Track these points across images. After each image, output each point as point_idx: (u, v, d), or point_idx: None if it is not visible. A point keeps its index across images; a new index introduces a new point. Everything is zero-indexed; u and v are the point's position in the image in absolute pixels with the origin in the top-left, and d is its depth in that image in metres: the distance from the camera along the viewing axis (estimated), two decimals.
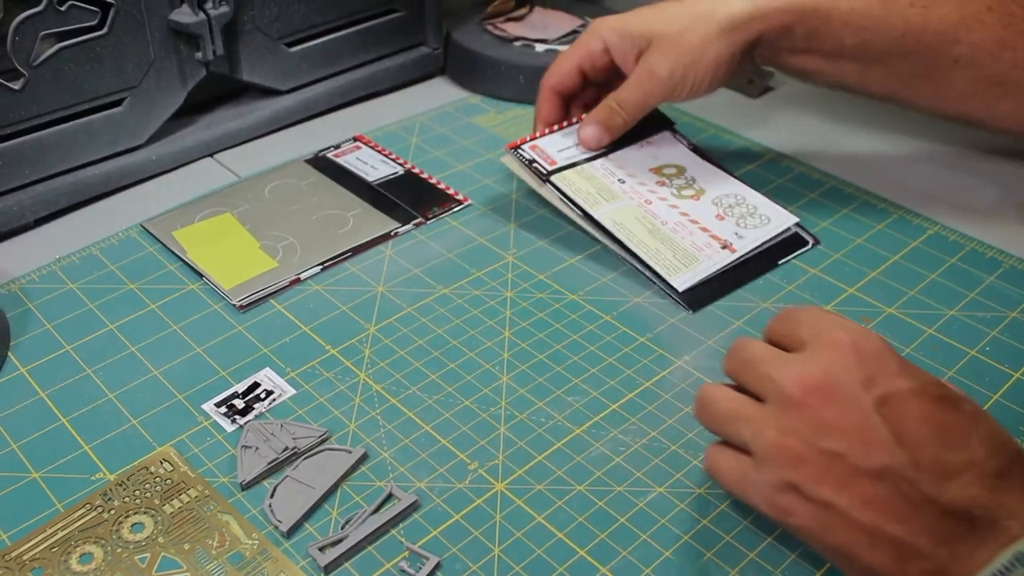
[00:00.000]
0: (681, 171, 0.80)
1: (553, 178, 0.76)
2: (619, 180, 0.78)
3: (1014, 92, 0.71)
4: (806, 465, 0.46)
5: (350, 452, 0.58)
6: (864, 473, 0.45)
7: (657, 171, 0.80)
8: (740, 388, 0.51)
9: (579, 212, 0.75)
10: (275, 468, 0.58)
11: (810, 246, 0.75)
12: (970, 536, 0.44)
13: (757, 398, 0.50)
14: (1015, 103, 0.72)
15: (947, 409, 0.46)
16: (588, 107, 0.80)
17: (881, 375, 0.47)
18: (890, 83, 0.75)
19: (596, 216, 0.74)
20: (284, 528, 0.54)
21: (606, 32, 0.76)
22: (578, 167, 0.79)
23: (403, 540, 0.54)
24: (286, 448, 0.58)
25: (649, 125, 0.82)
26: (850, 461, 0.45)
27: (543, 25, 1.00)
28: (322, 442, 0.59)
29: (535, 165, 0.77)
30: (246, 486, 0.57)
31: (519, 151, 0.78)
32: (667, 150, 0.82)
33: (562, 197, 0.76)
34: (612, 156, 0.80)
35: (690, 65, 0.73)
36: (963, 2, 0.70)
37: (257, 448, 0.58)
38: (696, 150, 0.83)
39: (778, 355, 0.50)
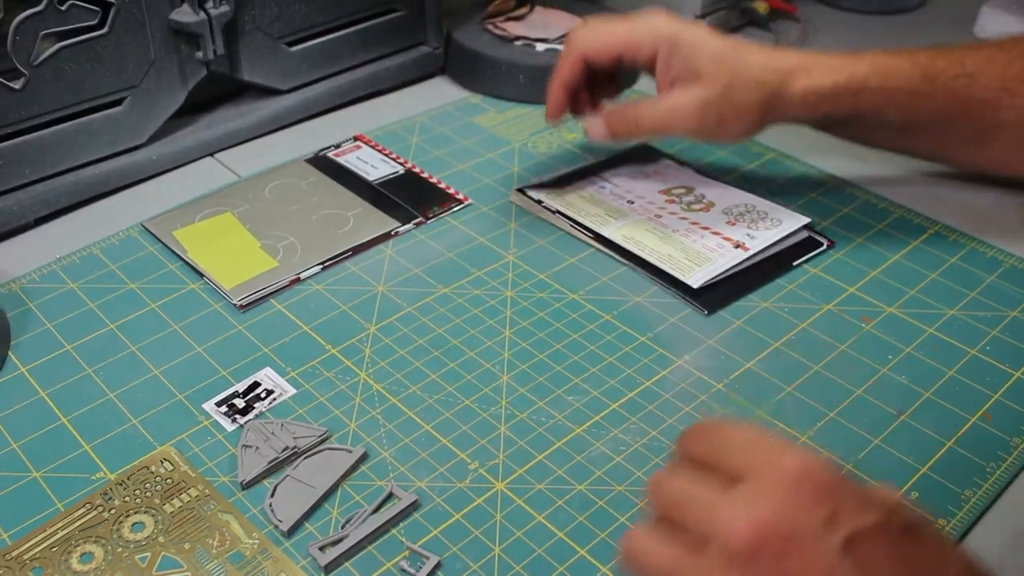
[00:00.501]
0: (690, 190, 0.81)
1: (562, 208, 0.77)
2: (628, 201, 0.79)
3: None
4: None
5: (350, 452, 0.59)
6: None
7: (666, 192, 0.80)
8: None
9: (590, 234, 0.75)
10: (275, 467, 0.58)
11: (825, 247, 0.75)
12: None
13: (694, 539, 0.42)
14: None
15: (916, 542, 0.41)
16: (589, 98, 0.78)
17: (843, 511, 0.40)
18: (932, 149, 0.77)
19: (606, 234, 0.75)
20: (284, 527, 0.54)
21: (665, 35, 0.71)
22: (586, 194, 0.79)
23: (403, 539, 0.54)
24: (286, 447, 0.58)
25: (647, 154, 0.85)
26: None
27: (543, 24, 1.00)
28: (322, 441, 0.60)
29: (544, 204, 0.79)
30: (246, 485, 0.57)
31: (526, 193, 0.80)
32: (674, 174, 0.83)
33: (572, 223, 0.76)
34: (619, 183, 0.81)
35: (730, 123, 0.71)
36: (1006, 65, 0.70)
37: (257, 448, 0.59)
38: (702, 172, 0.83)
39: (714, 492, 0.42)
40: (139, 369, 0.65)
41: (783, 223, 0.76)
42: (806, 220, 0.76)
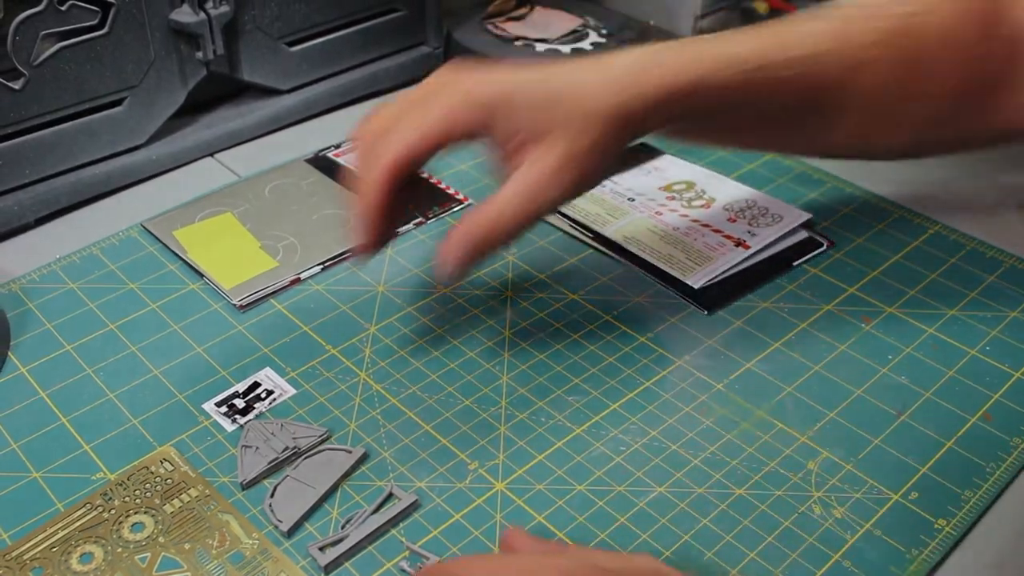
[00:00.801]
0: (691, 186, 0.81)
1: (561, 208, 0.77)
2: (628, 199, 0.79)
3: (900, 122, 0.67)
4: None
5: (350, 452, 0.59)
6: None
7: (667, 188, 0.80)
8: None
9: (590, 235, 0.75)
10: (275, 468, 0.58)
11: (825, 247, 0.75)
12: None
13: None
14: (900, 131, 0.68)
15: None
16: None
17: None
18: (764, 136, 0.70)
19: (606, 234, 0.75)
20: (284, 528, 0.54)
21: (489, 99, 0.58)
22: (585, 193, 0.79)
23: (403, 540, 0.54)
24: (286, 448, 0.58)
25: (645, 152, 0.84)
26: None
27: (544, 24, 1.00)
28: (322, 442, 0.60)
29: None
30: (246, 486, 0.57)
31: None
32: (675, 170, 0.83)
33: (572, 224, 0.76)
34: (619, 181, 0.81)
35: (599, 167, 0.60)
36: (846, 48, 0.63)
37: (257, 448, 0.59)
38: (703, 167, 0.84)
39: None
40: (139, 369, 0.65)
41: (784, 219, 0.76)
42: (807, 216, 0.76)
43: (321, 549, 0.53)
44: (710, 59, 0.60)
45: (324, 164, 0.85)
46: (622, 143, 0.59)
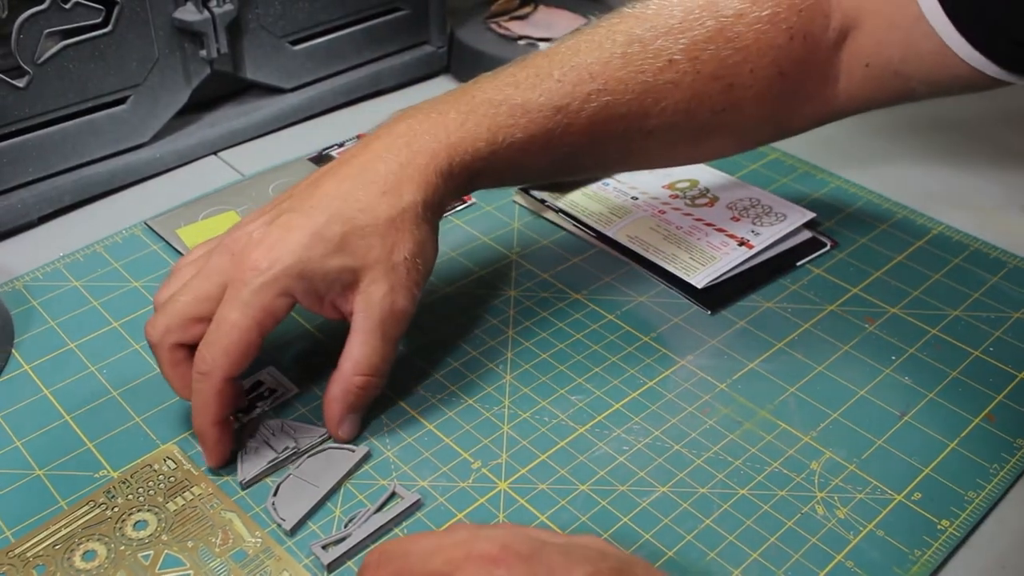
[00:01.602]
0: (694, 184, 0.81)
1: (565, 207, 0.77)
2: (632, 198, 0.79)
3: (715, 133, 0.67)
4: None
5: (353, 451, 0.59)
6: None
7: (670, 187, 0.80)
8: None
9: (593, 234, 0.75)
10: (276, 467, 0.58)
11: (828, 248, 0.75)
12: None
13: None
14: (716, 141, 0.68)
15: None
16: None
17: (554, 573, 0.41)
18: (580, 172, 0.70)
19: (610, 234, 0.75)
20: (287, 526, 0.54)
21: (290, 282, 0.55)
22: (589, 191, 0.79)
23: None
24: (287, 447, 0.58)
25: None
26: None
27: (547, 24, 1.00)
28: (323, 442, 0.60)
29: (547, 203, 0.79)
30: (246, 485, 0.57)
31: (530, 192, 0.80)
32: (679, 168, 0.83)
33: (575, 223, 0.76)
34: (622, 179, 0.81)
35: (418, 278, 0.59)
36: (644, 71, 0.61)
37: (257, 447, 0.59)
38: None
39: None
40: (142, 367, 0.65)
41: (788, 218, 0.76)
42: (811, 215, 0.76)
43: (324, 547, 0.53)
44: (503, 117, 0.59)
45: (328, 163, 0.85)
46: (433, 224, 0.60)
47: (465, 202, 0.80)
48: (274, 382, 0.63)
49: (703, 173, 0.82)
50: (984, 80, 0.63)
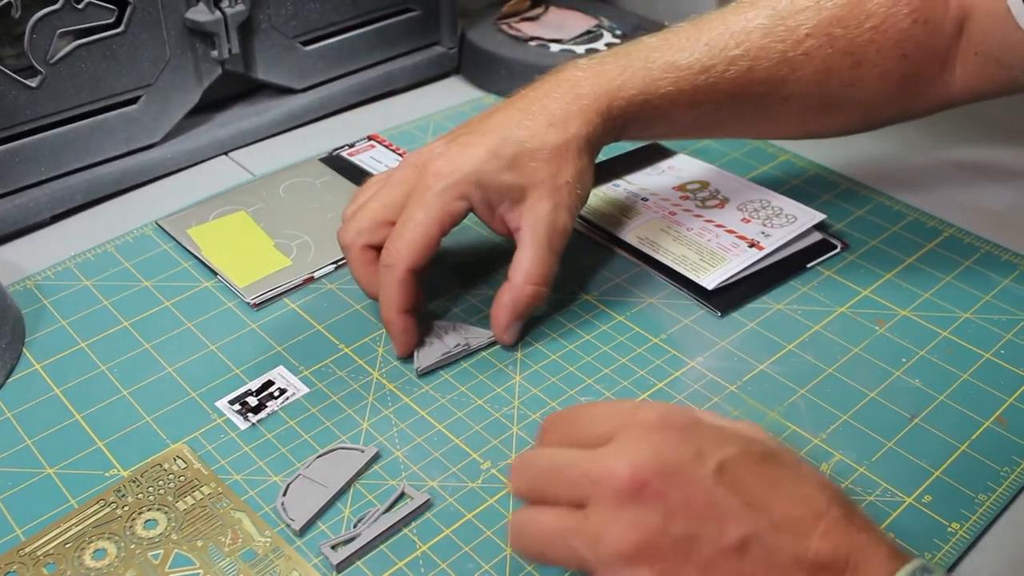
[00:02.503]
0: (705, 185, 0.80)
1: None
2: (642, 199, 0.79)
3: (843, 107, 0.71)
4: (663, 558, 0.42)
5: (363, 451, 0.59)
6: (726, 550, 0.42)
7: (680, 188, 0.80)
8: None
9: (603, 235, 0.75)
10: (449, 360, 0.64)
11: (839, 250, 0.75)
12: None
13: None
14: (844, 115, 0.73)
15: (776, 465, 0.45)
16: None
17: (706, 447, 0.44)
18: (719, 130, 0.76)
19: (620, 235, 0.75)
20: (296, 527, 0.54)
21: (468, 188, 0.62)
22: (599, 192, 0.79)
23: (415, 538, 0.54)
24: (458, 344, 0.64)
25: (658, 153, 0.85)
26: (709, 541, 0.42)
27: (558, 25, 1.00)
28: (491, 344, 0.66)
29: None
30: (422, 373, 0.63)
31: None
32: (689, 169, 0.83)
33: (586, 225, 0.76)
34: (633, 181, 0.81)
35: (578, 201, 0.66)
36: (783, 41, 0.67)
37: (432, 342, 0.64)
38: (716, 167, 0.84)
39: (585, 453, 0.45)
40: (153, 367, 0.65)
41: (798, 219, 0.76)
42: (821, 216, 0.76)
43: (333, 547, 0.53)
44: (657, 71, 0.66)
45: (338, 163, 0.85)
46: (592, 157, 0.67)
47: None
48: (285, 382, 0.63)
49: (713, 175, 0.82)
50: None
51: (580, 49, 0.96)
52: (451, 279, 0.72)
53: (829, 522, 0.43)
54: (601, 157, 0.84)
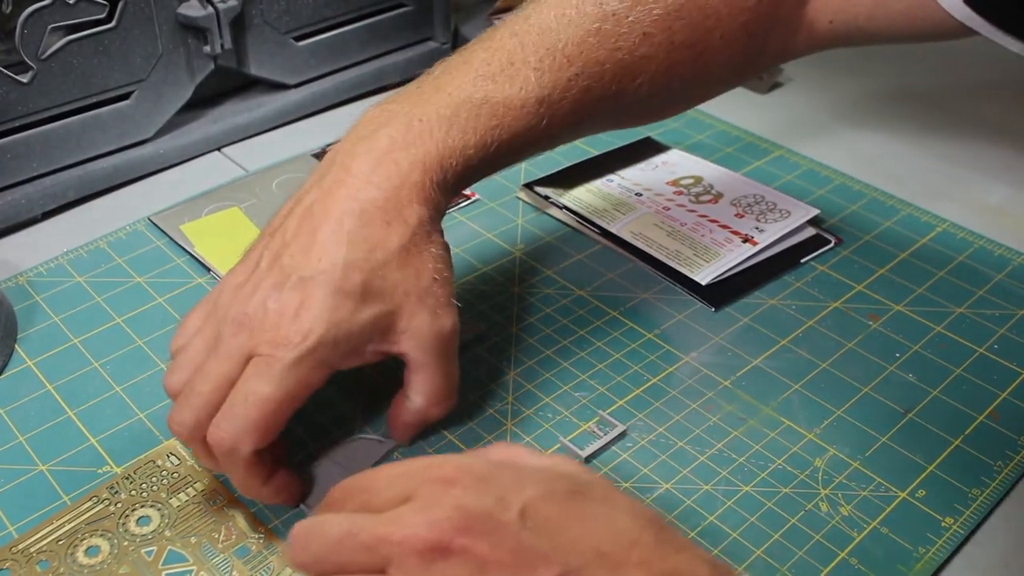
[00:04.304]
0: (699, 180, 0.80)
1: (569, 203, 0.77)
2: (636, 194, 0.79)
3: (687, 98, 0.67)
4: None
5: (382, 442, 0.59)
6: None
7: (674, 183, 0.80)
8: None
9: (597, 230, 0.75)
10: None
11: (832, 245, 0.75)
12: None
13: None
14: (687, 103, 0.68)
15: (583, 500, 0.42)
16: None
17: (508, 492, 0.41)
18: (557, 145, 0.65)
19: (614, 231, 0.75)
20: (310, 514, 0.54)
21: (325, 352, 0.52)
22: (593, 187, 0.79)
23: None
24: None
25: (651, 148, 0.86)
26: None
27: None
28: (477, 336, 0.65)
29: (551, 200, 0.79)
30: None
31: (533, 188, 0.80)
32: (683, 164, 0.83)
33: (579, 220, 0.76)
34: (627, 176, 0.81)
35: (450, 289, 0.56)
36: (619, 48, 0.59)
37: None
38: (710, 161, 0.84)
39: (380, 516, 0.41)
40: (146, 363, 0.65)
41: (792, 215, 0.76)
42: (815, 211, 0.76)
43: None
44: (487, 118, 0.56)
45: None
46: (440, 231, 0.57)
47: (469, 198, 0.80)
48: None
49: (707, 169, 0.82)
50: (952, 28, 0.61)
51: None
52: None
53: (643, 549, 0.41)
54: (593, 153, 0.85)
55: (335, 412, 0.61)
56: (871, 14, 0.63)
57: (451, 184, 0.56)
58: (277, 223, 0.56)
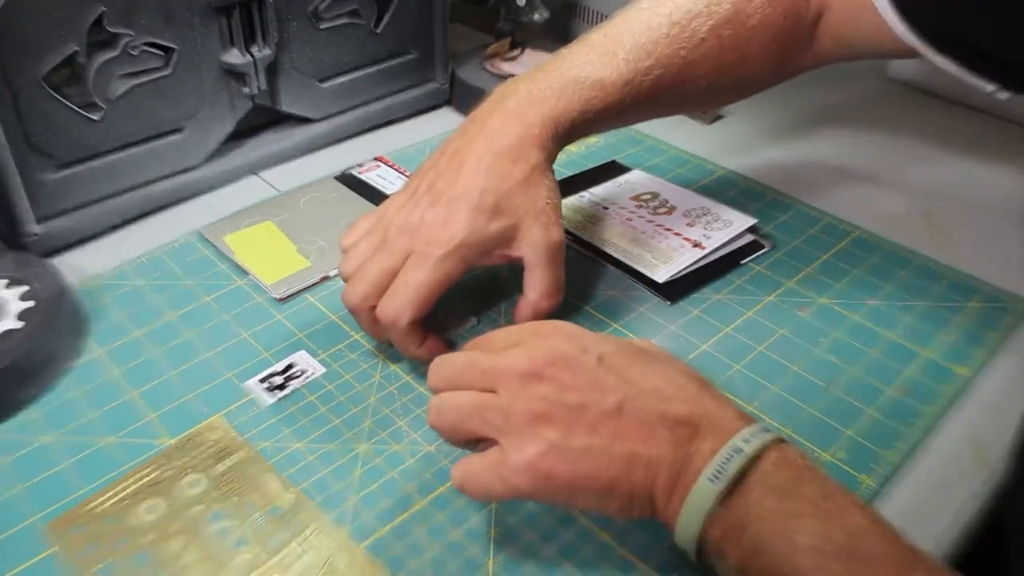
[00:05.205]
0: (656, 196, 0.80)
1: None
2: (604, 208, 0.78)
3: (730, 92, 0.72)
4: (557, 421, 0.45)
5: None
6: (607, 413, 0.45)
7: (636, 198, 0.79)
8: None
9: (571, 238, 0.74)
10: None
11: (767, 249, 0.74)
12: (695, 437, 0.44)
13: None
14: (730, 96, 0.73)
15: (647, 357, 0.48)
16: None
17: (589, 344, 0.48)
18: (636, 122, 0.71)
19: (585, 238, 0.74)
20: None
21: (465, 251, 0.58)
22: (567, 203, 0.79)
23: (416, 493, 0.53)
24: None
25: (616, 169, 0.85)
26: (592, 407, 0.45)
27: (533, 65, 0.99)
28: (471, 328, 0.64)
29: None
30: None
31: None
32: (643, 182, 0.82)
33: None
34: (596, 192, 0.80)
35: (558, 213, 0.61)
36: (684, 47, 0.65)
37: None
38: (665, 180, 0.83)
39: (494, 354, 0.48)
40: (195, 352, 0.64)
41: (734, 224, 0.75)
42: (753, 221, 0.75)
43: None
44: (588, 91, 0.62)
45: (350, 180, 0.84)
46: (552, 172, 0.62)
47: None
48: (305, 364, 0.62)
49: (663, 187, 0.81)
50: (908, 51, 0.66)
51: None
52: (462, 306, 0.71)
53: (687, 393, 0.46)
54: (568, 173, 0.84)
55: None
56: (855, 33, 0.68)
57: (561, 137, 0.62)
58: (430, 164, 0.62)
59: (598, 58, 0.64)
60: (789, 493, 0.42)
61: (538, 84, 0.63)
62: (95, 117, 0.73)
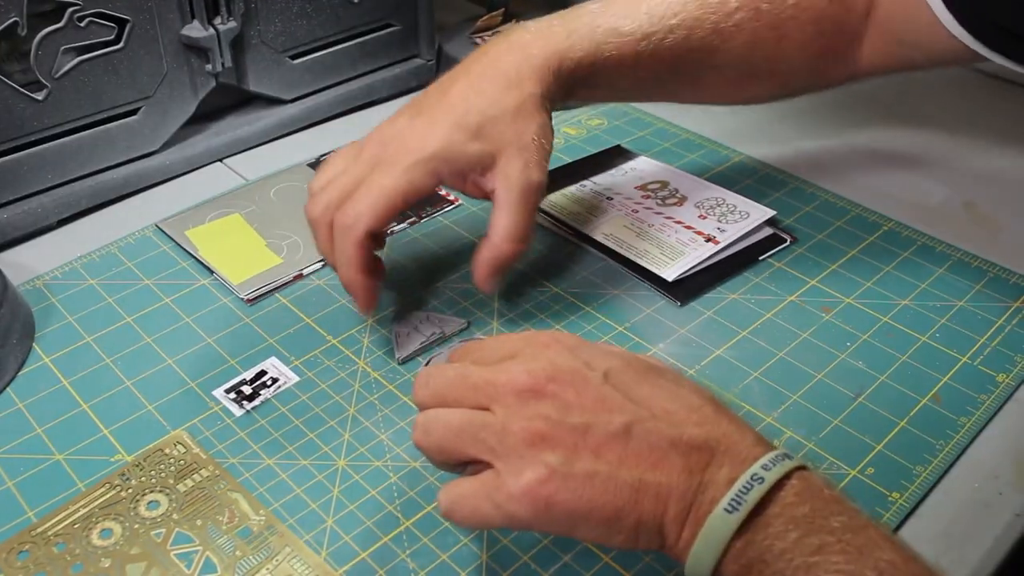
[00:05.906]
0: (664, 185, 0.80)
1: (546, 208, 0.77)
2: (607, 198, 0.79)
3: (766, 77, 0.72)
4: (559, 444, 0.44)
5: (452, 320, 0.66)
6: (614, 435, 0.44)
7: (642, 188, 0.80)
8: None
9: (572, 232, 0.75)
10: (426, 347, 0.65)
11: (788, 243, 0.75)
12: (711, 464, 0.44)
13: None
14: (767, 84, 0.73)
15: (656, 375, 0.48)
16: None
17: (594, 359, 0.48)
18: (656, 94, 0.74)
19: (587, 232, 0.75)
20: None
21: (438, 164, 0.60)
22: (568, 193, 0.79)
23: (399, 515, 0.54)
24: (434, 332, 0.66)
25: (621, 155, 0.85)
26: (598, 429, 0.45)
27: None
28: (463, 330, 0.67)
29: None
30: (402, 361, 0.64)
31: None
32: (650, 170, 0.83)
33: (555, 223, 0.76)
34: (599, 181, 0.81)
35: (545, 155, 0.63)
36: (715, 12, 0.67)
37: (410, 333, 0.66)
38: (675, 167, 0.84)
39: (488, 367, 0.48)
40: (154, 359, 0.65)
41: (750, 215, 0.76)
42: (772, 213, 0.76)
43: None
44: (602, 36, 0.64)
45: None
46: (549, 112, 0.64)
47: (453, 203, 0.80)
48: (277, 371, 0.63)
49: (672, 175, 0.82)
50: (968, 54, 0.66)
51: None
52: (426, 274, 0.72)
53: (702, 415, 0.46)
54: (567, 160, 0.85)
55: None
56: (906, 28, 0.69)
57: (564, 77, 0.64)
58: (422, 91, 0.65)
59: (620, 9, 0.66)
60: (814, 526, 0.42)
61: (550, 22, 0.65)
62: (38, 97, 0.73)
